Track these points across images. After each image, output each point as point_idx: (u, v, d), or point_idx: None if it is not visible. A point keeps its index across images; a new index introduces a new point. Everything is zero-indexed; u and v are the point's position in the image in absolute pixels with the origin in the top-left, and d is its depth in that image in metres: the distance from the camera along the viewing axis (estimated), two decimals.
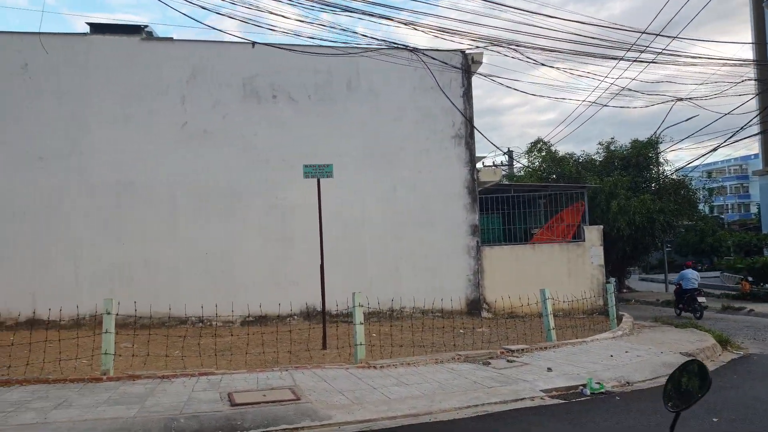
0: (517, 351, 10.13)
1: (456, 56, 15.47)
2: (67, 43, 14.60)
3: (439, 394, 7.44)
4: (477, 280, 15.59)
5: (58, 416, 6.38)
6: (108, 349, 8.21)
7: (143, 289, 14.14)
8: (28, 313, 14.19)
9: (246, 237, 14.92)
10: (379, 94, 15.52)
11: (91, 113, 14.57)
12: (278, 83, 15.18)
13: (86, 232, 14.47)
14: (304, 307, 14.85)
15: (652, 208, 21.84)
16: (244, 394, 7.19)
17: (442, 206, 15.52)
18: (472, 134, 15.71)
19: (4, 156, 14.33)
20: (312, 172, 11.45)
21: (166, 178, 14.69)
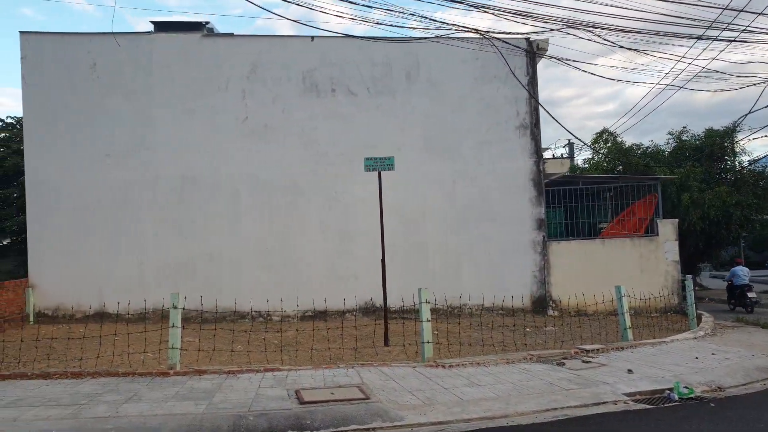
0: (592, 351, 9.58)
1: (521, 43, 14.87)
2: (131, 42, 14.88)
3: (514, 396, 7.04)
4: (543, 276, 14.98)
5: (129, 410, 6.35)
6: (174, 344, 8.19)
7: (206, 283, 14.29)
8: (96, 306, 14.59)
9: (307, 231, 14.85)
10: (439, 85, 15.12)
11: (156, 110, 14.82)
12: (337, 76, 15.01)
13: (151, 226, 14.73)
14: (363, 303, 14.66)
15: (729, 201, 20.51)
16: (312, 391, 6.99)
17: (506, 199, 14.98)
18: (537, 124, 15.09)
19: (74, 153, 14.75)
20: (373, 165, 11.21)
21: (228, 173, 14.78)
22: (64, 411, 6.32)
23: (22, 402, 6.71)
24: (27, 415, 6.18)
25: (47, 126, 14.80)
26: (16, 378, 7.84)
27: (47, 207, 14.73)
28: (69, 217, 14.69)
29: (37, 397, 6.94)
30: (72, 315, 14.53)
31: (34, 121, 14.86)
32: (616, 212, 17.45)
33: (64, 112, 14.81)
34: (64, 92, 14.83)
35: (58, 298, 14.63)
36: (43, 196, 14.75)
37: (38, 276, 14.72)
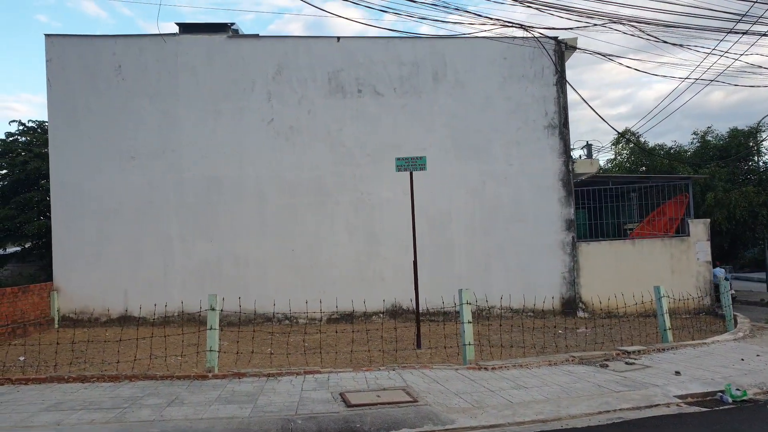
0: (633, 353, 9.37)
1: (549, 42, 14.68)
2: (157, 43, 14.83)
3: (564, 399, 6.85)
4: (572, 277, 14.74)
5: (173, 414, 6.22)
6: (213, 346, 8.05)
7: (232, 285, 14.17)
8: (120, 309, 14.53)
9: (333, 233, 14.72)
10: (466, 85, 14.95)
11: (181, 111, 14.76)
12: (363, 77, 14.89)
13: (177, 228, 14.65)
14: (390, 305, 14.49)
15: (756, 201, 20.15)
16: (358, 394, 6.84)
17: (535, 200, 14.77)
18: (566, 123, 14.88)
19: (99, 156, 14.72)
20: (404, 165, 11.05)
21: (254, 175, 14.69)
22: (107, 415, 6.20)
23: (63, 405, 6.60)
24: (70, 419, 6.07)
25: (72, 128, 14.78)
26: (53, 381, 7.75)
27: (72, 210, 14.69)
28: (93, 220, 14.65)
29: (77, 400, 6.83)
30: (96, 318, 14.47)
31: (59, 124, 14.85)
32: (642, 213, 17.18)
33: (88, 115, 14.79)
34: (88, 95, 14.81)
35: (83, 301, 14.57)
36: (68, 198, 14.71)
37: (63, 279, 14.67)
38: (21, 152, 20.35)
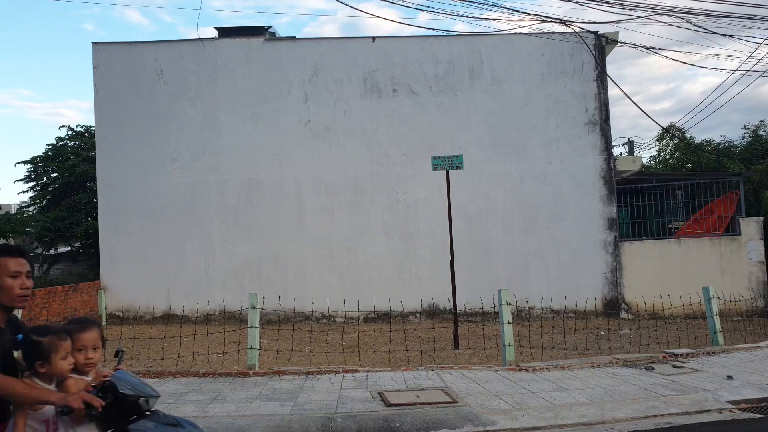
0: (681, 356, 9.07)
1: (589, 37, 14.38)
2: (197, 48, 15.14)
3: (608, 402, 6.68)
4: (615, 278, 14.41)
5: (216, 410, 6.33)
6: (253, 344, 8.17)
7: (271, 285, 14.35)
8: (164, 307, 14.87)
9: (369, 232, 14.75)
10: (503, 82, 14.78)
11: (221, 114, 15.03)
12: (399, 77, 14.88)
13: (218, 229, 14.92)
14: (426, 305, 14.43)
15: None
16: (396, 393, 6.82)
17: (575, 198, 14.49)
18: (607, 120, 14.56)
19: (144, 158, 15.10)
20: (441, 164, 10.98)
21: (292, 176, 14.86)
22: None
23: None
24: None
25: (117, 132, 15.21)
26: None
27: (118, 211, 15.12)
28: (138, 221, 15.04)
29: None
30: (141, 316, 14.85)
31: (105, 128, 15.31)
32: (688, 211, 16.65)
33: (132, 119, 15.20)
34: (132, 99, 15.22)
35: (128, 299, 14.98)
36: (114, 200, 15.15)
37: (109, 278, 15.11)
38: (70, 156, 21.10)
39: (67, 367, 2.80)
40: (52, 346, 2.77)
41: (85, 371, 2.89)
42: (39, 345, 2.77)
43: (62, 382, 2.80)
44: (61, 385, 2.79)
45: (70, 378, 2.82)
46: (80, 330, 2.92)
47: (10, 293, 2.91)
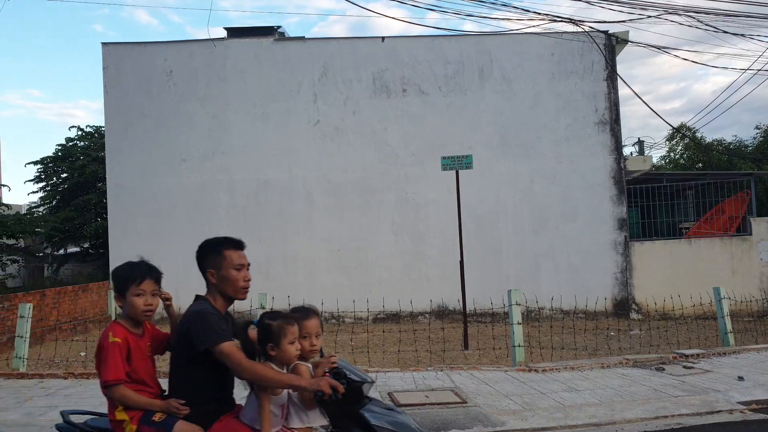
0: (692, 356, 9.01)
1: (599, 36, 14.32)
2: (206, 48, 15.20)
3: (618, 402, 6.65)
4: (625, 278, 14.34)
5: None
6: None
7: (280, 284, 14.33)
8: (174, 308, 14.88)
9: (379, 233, 14.76)
10: (512, 82, 14.75)
11: (231, 114, 15.07)
12: (408, 76, 14.88)
13: (227, 229, 14.88)
14: (436, 305, 14.42)
15: None
16: (406, 394, 6.82)
17: (585, 198, 14.43)
18: (617, 120, 14.49)
19: (153, 158, 15.17)
20: (450, 164, 10.95)
21: (301, 176, 14.88)
22: None
23: None
24: None
25: (127, 133, 15.28)
26: None
27: (127, 211, 15.18)
28: (148, 221, 15.10)
29: None
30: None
31: (115, 129, 15.38)
32: (698, 211, 16.55)
33: (142, 119, 15.27)
34: (142, 100, 15.29)
35: None
36: (123, 200, 15.22)
37: None
38: (80, 156, 21.22)
39: (294, 352, 2.91)
40: (281, 330, 2.90)
41: (309, 357, 3.00)
42: (270, 328, 2.90)
43: (293, 368, 2.90)
44: (293, 370, 2.89)
45: (300, 364, 2.93)
46: (305, 317, 3.05)
47: (235, 285, 3.12)
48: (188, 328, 2.90)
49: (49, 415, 6.24)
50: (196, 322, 2.89)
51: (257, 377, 2.77)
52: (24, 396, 7.10)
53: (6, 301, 11.31)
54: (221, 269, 3.11)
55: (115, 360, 2.85)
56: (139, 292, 3.03)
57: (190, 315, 2.97)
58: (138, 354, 2.98)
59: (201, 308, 2.99)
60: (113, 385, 2.83)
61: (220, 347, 2.78)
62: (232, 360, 2.77)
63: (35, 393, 7.25)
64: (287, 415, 2.90)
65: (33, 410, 6.46)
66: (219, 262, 3.14)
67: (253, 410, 2.86)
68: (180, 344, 2.99)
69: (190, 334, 2.88)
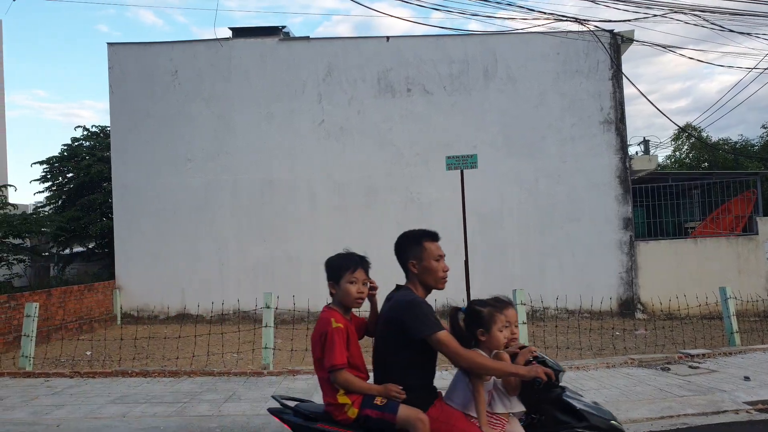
0: (697, 356, 8.97)
1: (604, 36, 14.28)
2: (211, 48, 15.23)
3: (623, 402, 6.63)
4: (630, 278, 14.29)
5: (230, 409, 6.36)
6: (268, 344, 8.20)
7: (285, 284, 14.34)
8: (179, 307, 14.97)
9: (383, 233, 14.64)
10: (517, 82, 14.72)
11: (235, 115, 15.10)
12: (413, 76, 14.86)
13: (232, 229, 15.00)
14: (440, 305, 14.32)
15: None
16: None
17: (591, 198, 14.39)
18: (623, 119, 14.44)
19: (157, 159, 15.21)
20: (455, 163, 10.93)
21: (305, 176, 14.89)
22: (168, 409, 6.40)
23: (128, 399, 6.85)
24: (135, 412, 6.29)
25: (132, 133, 15.33)
26: (117, 375, 8.06)
27: (132, 211, 15.23)
28: (153, 221, 15.15)
29: (141, 394, 7.07)
30: (156, 316, 14.96)
31: (120, 129, 15.43)
32: (704, 210, 16.49)
33: (147, 119, 15.31)
34: (147, 100, 15.33)
35: (143, 299, 15.09)
36: (129, 200, 15.27)
37: (124, 278, 15.24)
38: (85, 156, 21.25)
39: (503, 339, 3.01)
40: (492, 317, 3.01)
41: (508, 346, 3.06)
42: (480, 315, 3.02)
43: (494, 355, 2.98)
44: (495, 358, 2.97)
45: (501, 352, 2.99)
46: (506, 307, 3.10)
47: (435, 275, 3.21)
48: (400, 317, 3.01)
49: (55, 414, 6.28)
50: (410, 312, 3.00)
51: (475, 365, 2.88)
52: (30, 395, 7.14)
53: (12, 301, 11.36)
54: (422, 260, 3.21)
55: (341, 345, 3.00)
56: (352, 279, 3.20)
57: (402, 304, 3.07)
58: (353, 339, 3.16)
59: (412, 298, 3.09)
60: (339, 369, 2.97)
61: (437, 336, 2.90)
62: (450, 348, 2.89)
63: (41, 392, 7.29)
64: (491, 401, 2.98)
65: (39, 409, 6.49)
66: (420, 253, 3.23)
67: (463, 396, 2.98)
68: (389, 332, 3.10)
69: (402, 322, 2.99)
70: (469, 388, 2.96)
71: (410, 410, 2.91)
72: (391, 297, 3.25)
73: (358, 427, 2.98)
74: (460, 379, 3.07)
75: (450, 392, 3.13)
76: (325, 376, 3.07)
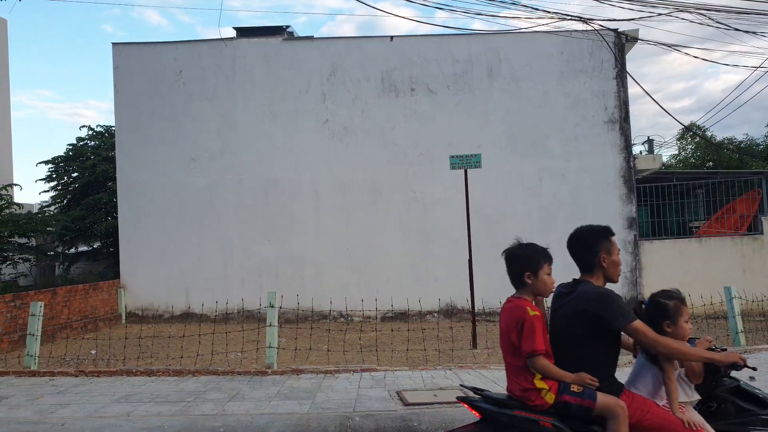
0: None
1: (608, 35, 14.23)
2: (215, 48, 15.25)
3: None
4: (634, 277, 14.26)
5: (234, 408, 6.37)
6: (272, 343, 8.21)
7: (289, 283, 14.41)
8: (183, 306, 15.00)
9: (387, 232, 14.75)
10: (522, 81, 14.69)
11: (239, 114, 15.13)
12: (417, 75, 14.86)
13: (236, 228, 15.03)
14: (444, 305, 14.39)
15: None
16: (414, 393, 6.82)
17: (594, 197, 14.36)
18: (627, 118, 14.40)
19: (163, 158, 15.25)
20: (459, 162, 10.93)
21: (309, 175, 14.91)
22: (173, 408, 6.41)
23: (132, 398, 6.87)
24: (139, 411, 6.31)
25: (137, 132, 15.38)
26: (122, 374, 8.09)
27: (137, 210, 15.28)
28: (157, 220, 15.19)
29: (145, 393, 7.09)
30: (160, 315, 15.00)
31: (125, 128, 15.48)
32: (709, 210, 16.43)
33: (152, 119, 15.35)
34: (151, 99, 15.37)
35: (148, 298, 15.13)
36: (133, 199, 15.32)
37: (129, 277, 15.29)
38: (90, 156, 21.32)
39: (688, 331, 3.16)
40: (678, 309, 3.15)
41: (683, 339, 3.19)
42: (665, 307, 3.17)
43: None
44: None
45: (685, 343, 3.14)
46: (683, 302, 3.26)
47: (618, 269, 3.39)
48: (595, 309, 3.11)
49: (60, 413, 6.30)
50: (605, 303, 3.11)
51: (673, 350, 3.00)
52: (35, 394, 7.17)
53: (18, 300, 11.41)
54: (611, 254, 3.35)
55: (541, 331, 3.12)
56: (549, 271, 3.35)
57: (593, 297, 3.17)
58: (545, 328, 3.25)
59: (603, 290, 3.22)
60: (539, 354, 3.08)
61: (634, 325, 3.04)
62: (648, 336, 3.03)
63: (46, 391, 7.32)
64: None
65: (44, 408, 6.52)
66: (609, 247, 3.37)
67: (652, 384, 3.14)
68: (577, 324, 3.19)
69: (598, 314, 3.09)
70: (658, 376, 3.09)
71: (609, 398, 3.01)
72: (564, 291, 3.40)
73: (555, 413, 3.07)
74: (645, 367, 3.19)
75: (633, 381, 3.24)
76: (517, 363, 3.18)
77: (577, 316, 3.19)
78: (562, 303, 3.35)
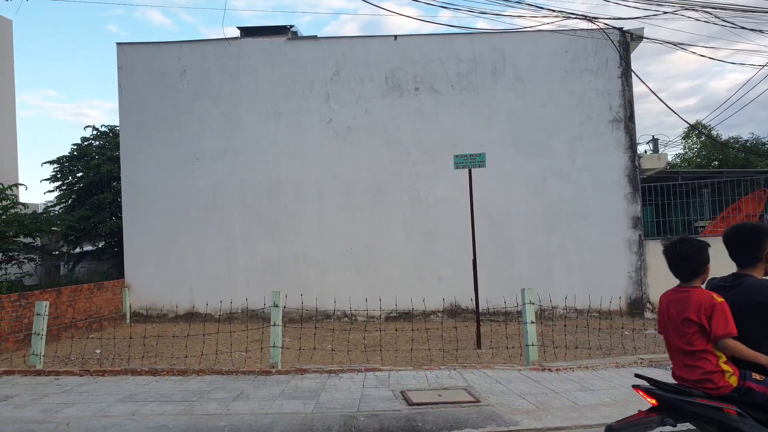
0: None
1: (613, 33, 14.18)
2: (219, 48, 15.27)
3: (633, 402, 6.56)
4: (639, 277, 14.20)
5: (239, 408, 6.37)
6: (276, 342, 8.21)
7: (292, 283, 14.41)
8: (187, 306, 15.03)
9: (390, 231, 14.73)
10: (526, 80, 14.65)
11: (243, 114, 15.13)
12: (420, 75, 14.83)
13: (240, 228, 15.04)
14: (448, 304, 14.38)
15: None
16: (419, 393, 6.81)
17: (599, 197, 14.31)
18: (632, 117, 14.34)
19: (167, 158, 15.27)
20: (463, 162, 10.91)
21: (313, 175, 14.90)
22: (177, 407, 6.42)
23: (137, 397, 6.89)
24: (144, 410, 6.32)
25: (141, 132, 15.40)
26: (127, 374, 8.11)
27: (141, 209, 15.31)
28: (162, 220, 15.22)
29: (150, 392, 7.11)
30: (164, 314, 15.02)
31: (129, 128, 15.51)
32: (714, 209, 16.35)
33: (156, 119, 15.37)
34: (156, 99, 15.40)
35: (152, 298, 15.16)
36: (138, 199, 15.35)
37: (133, 277, 15.32)
38: (95, 156, 21.36)
39: None
40: None
41: None
42: None
43: None
44: None
45: None
46: None
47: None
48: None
49: (65, 412, 6.32)
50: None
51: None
52: (40, 393, 7.19)
53: (23, 299, 11.45)
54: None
55: (730, 316, 3.27)
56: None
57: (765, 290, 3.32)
58: None
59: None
60: (729, 337, 3.24)
61: None
62: None
63: (51, 390, 7.34)
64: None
65: (49, 407, 6.54)
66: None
67: None
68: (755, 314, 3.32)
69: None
70: None
71: None
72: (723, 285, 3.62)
73: (737, 400, 3.19)
74: None
75: None
76: (700, 347, 3.33)
77: (751, 308, 3.33)
78: (725, 297, 3.46)
